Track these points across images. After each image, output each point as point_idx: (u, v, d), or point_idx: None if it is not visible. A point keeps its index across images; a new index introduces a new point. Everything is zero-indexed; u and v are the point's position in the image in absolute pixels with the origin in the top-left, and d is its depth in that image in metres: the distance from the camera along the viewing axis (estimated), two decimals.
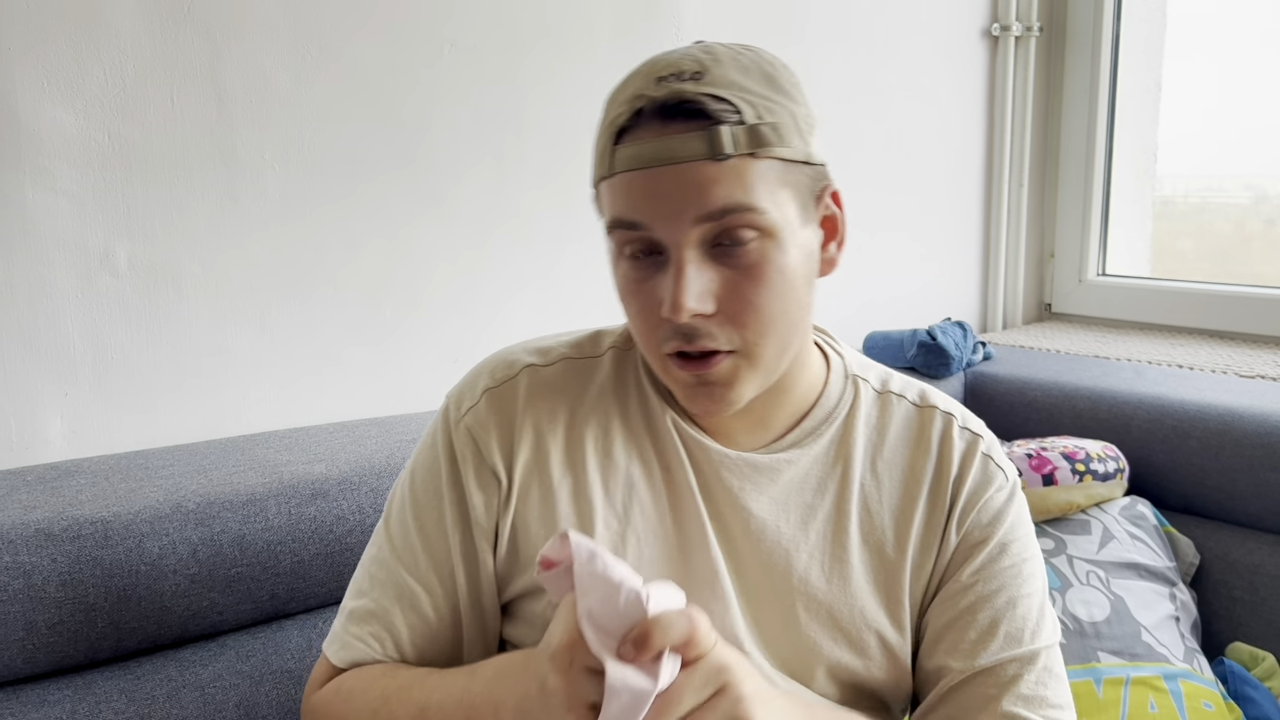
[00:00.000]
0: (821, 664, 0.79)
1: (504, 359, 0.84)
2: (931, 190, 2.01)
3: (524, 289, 1.49)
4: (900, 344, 1.71)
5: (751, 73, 0.72)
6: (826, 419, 0.83)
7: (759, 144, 0.70)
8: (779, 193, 0.72)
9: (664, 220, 0.70)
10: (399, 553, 0.82)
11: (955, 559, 0.81)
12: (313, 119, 1.27)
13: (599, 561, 0.64)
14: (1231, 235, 2.17)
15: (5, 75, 1.08)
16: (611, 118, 0.74)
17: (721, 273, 0.72)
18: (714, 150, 0.69)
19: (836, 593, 0.79)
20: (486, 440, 0.80)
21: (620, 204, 0.73)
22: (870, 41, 1.85)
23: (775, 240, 0.72)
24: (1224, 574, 1.41)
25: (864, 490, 0.82)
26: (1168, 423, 1.47)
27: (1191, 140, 2.11)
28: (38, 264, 1.12)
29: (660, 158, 0.70)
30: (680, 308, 0.70)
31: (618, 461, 0.81)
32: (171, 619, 1.01)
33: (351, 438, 1.21)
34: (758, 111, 0.70)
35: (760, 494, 0.80)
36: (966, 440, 0.83)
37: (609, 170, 0.73)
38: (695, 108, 0.69)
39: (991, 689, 0.76)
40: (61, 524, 0.96)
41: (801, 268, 0.74)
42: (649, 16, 1.56)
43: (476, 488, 0.80)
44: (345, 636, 0.82)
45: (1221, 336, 1.91)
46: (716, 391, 0.75)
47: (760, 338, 0.73)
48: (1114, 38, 2.06)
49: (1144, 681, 1.23)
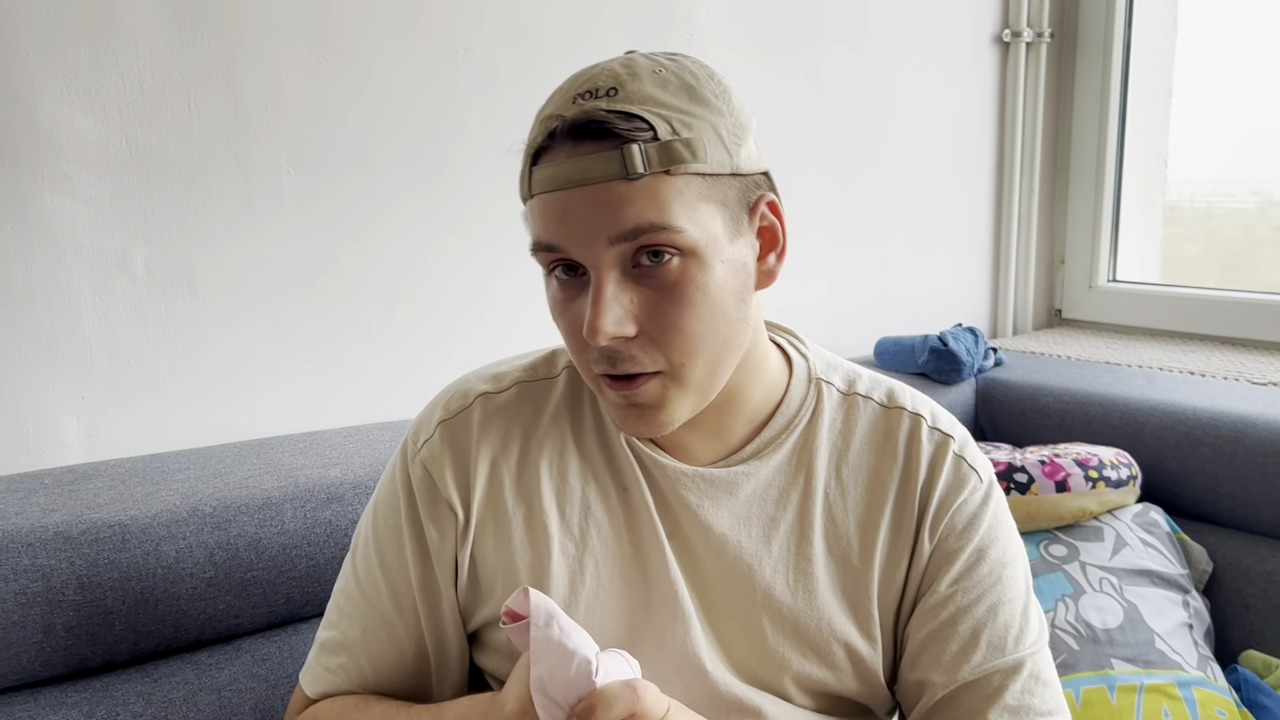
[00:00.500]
0: (789, 676, 0.78)
1: (459, 389, 0.83)
2: (942, 196, 2.01)
3: (537, 292, 1.48)
4: (911, 350, 1.71)
5: (670, 86, 0.69)
6: (787, 427, 0.80)
7: (672, 160, 0.67)
8: (699, 209, 0.69)
9: (578, 243, 0.69)
10: (363, 586, 0.82)
11: (931, 569, 0.78)
12: (327, 123, 1.28)
13: (555, 626, 0.65)
14: (1239, 241, 2.16)
15: (24, 80, 1.08)
16: (531, 139, 0.73)
17: (642, 293, 0.69)
18: (625, 170, 0.66)
19: (802, 605, 0.78)
20: (441, 474, 0.80)
21: (538, 226, 0.72)
22: (882, 47, 1.85)
23: (697, 258, 0.69)
24: (1237, 581, 1.41)
25: (828, 499, 0.80)
26: (1180, 429, 1.47)
27: (1199, 145, 2.11)
28: (55, 268, 1.12)
29: (573, 179, 0.68)
30: (597, 332, 0.68)
31: (573, 485, 0.79)
32: (188, 622, 1.01)
33: (366, 442, 1.21)
34: (672, 127, 0.68)
35: (720, 509, 0.78)
36: (936, 441, 0.80)
37: (528, 192, 0.73)
38: (605, 128, 0.67)
39: (977, 701, 0.75)
40: (79, 527, 0.96)
41: (731, 283, 0.71)
42: (662, 21, 1.56)
43: (432, 522, 0.80)
44: (317, 668, 0.83)
45: (1233, 343, 1.91)
46: (646, 414, 0.72)
47: (686, 358, 0.70)
48: (1125, 44, 2.06)
49: (1158, 689, 1.23)
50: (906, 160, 1.93)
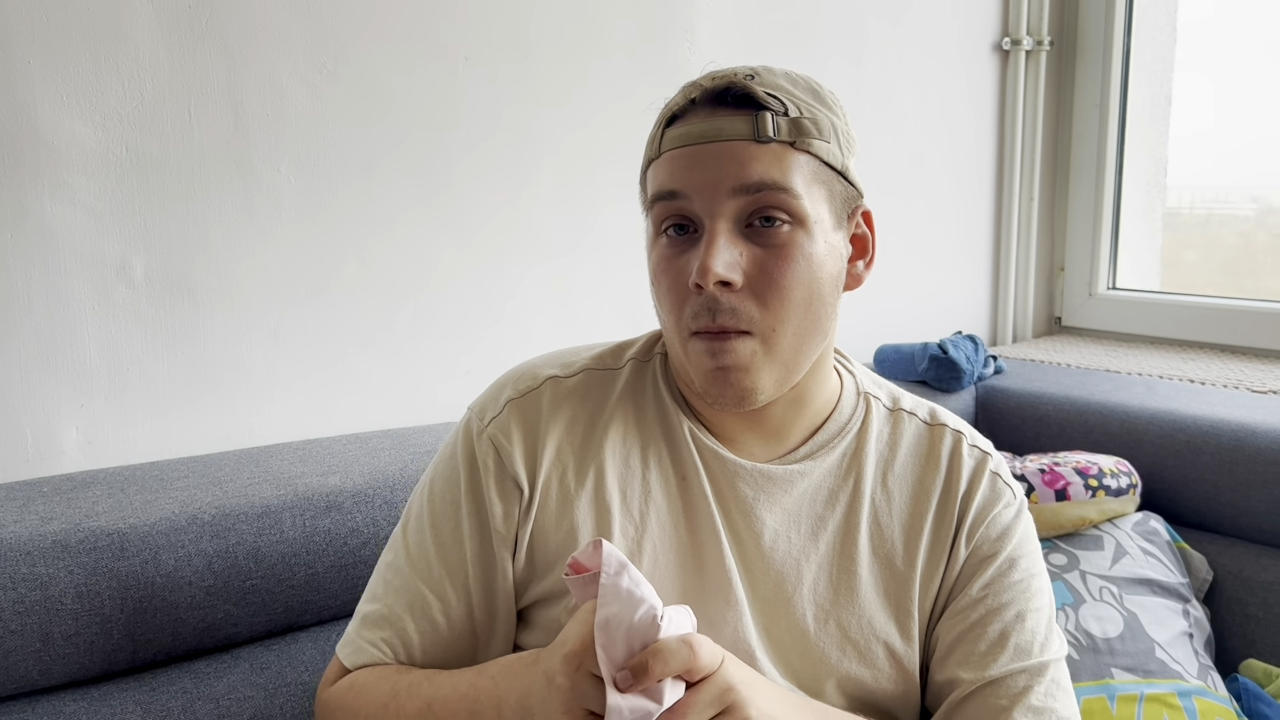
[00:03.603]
0: (831, 676, 0.80)
1: (527, 371, 0.86)
2: (942, 203, 2.01)
3: (538, 300, 1.49)
4: (911, 357, 1.71)
5: (799, 85, 0.78)
6: (840, 432, 0.85)
7: (800, 134, 0.75)
8: (814, 187, 0.75)
9: (701, 191, 0.74)
10: (414, 560, 0.83)
11: (964, 573, 0.82)
12: (328, 132, 1.28)
13: (626, 576, 0.65)
14: (1237, 247, 2.17)
15: (25, 89, 1.08)
16: (666, 108, 0.79)
17: (751, 250, 0.75)
18: (757, 133, 0.74)
19: (844, 604, 0.81)
20: (509, 450, 0.81)
21: (662, 177, 0.77)
22: (882, 55, 1.85)
23: (805, 228, 0.75)
24: (1237, 590, 1.41)
25: (874, 503, 0.83)
26: (1180, 438, 1.47)
27: (1198, 152, 2.11)
28: (55, 276, 1.12)
29: (706, 135, 0.74)
30: (708, 270, 0.72)
31: (635, 470, 0.82)
32: (187, 631, 1.01)
33: (365, 449, 1.21)
34: (800, 110, 0.76)
35: (774, 505, 0.81)
36: (976, 458, 0.85)
37: (657, 151, 0.78)
38: (745, 94, 0.74)
39: (1003, 699, 0.78)
40: (78, 536, 0.96)
41: (829, 264, 0.77)
42: (663, 30, 1.57)
43: (498, 497, 0.81)
44: (358, 640, 0.83)
45: (1233, 351, 1.91)
46: (735, 377, 0.75)
47: (779, 322, 0.75)
48: (1124, 51, 2.07)
49: (1158, 698, 1.23)
50: (906, 168, 1.93)
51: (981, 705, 0.78)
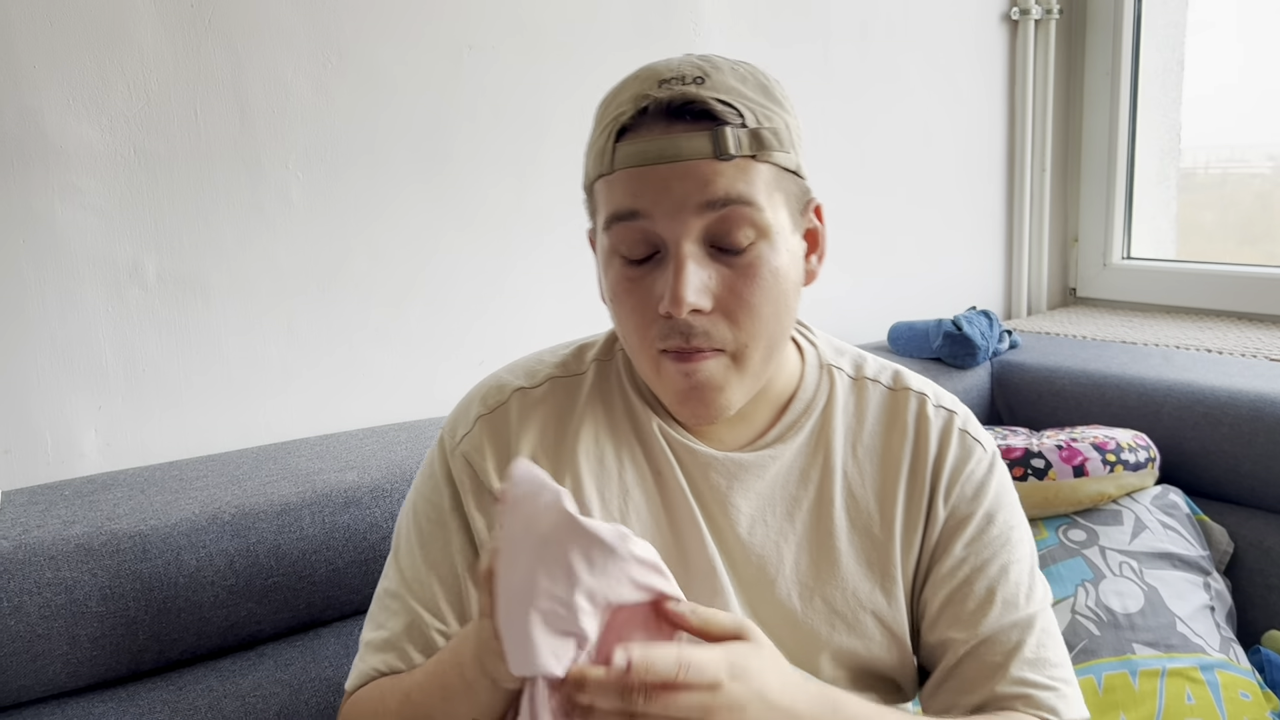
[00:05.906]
0: (824, 650, 0.81)
1: (493, 385, 0.86)
2: (953, 177, 1.99)
3: (546, 289, 1.49)
4: (925, 334, 1.70)
5: (749, 83, 0.75)
6: (805, 411, 0.85)
7: (761, 147, 0.73)
8: (774, 195, 0.74)
9: (666, 212, 0.72)
10: (408, 583, 0.84)
11: (945, 534, 0.83)
12: (334, 125, 1.28)
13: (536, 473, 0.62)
14: (1254, 207, 2.14)
15: (32, 94, 1.08)
16: (612, 116, 0.75)
17: (719, 271, 0.74)
18: (718, 149, 0.71)
19: (827, 579, 0.82)
20: (483, 464, 0.82)
21: (622, 196, 0.74)
22: (890, 28, 1.83)
23: (770, 241, 0.74)
24: (1258, 562, 1.40)
25: (847, 476, 0.84)
26: (1198, 409, 1.46)
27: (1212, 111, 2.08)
28: (68, 279, 1.13)
29: (665, 155, 0.72)
30: (680, 301, 0.71)
31: (611, 470, 0.82)
32: (211, 630, 1.02)
33: (381, 443, 1.21)
34: (758, 117, 0.73)
35: (748, 491, 0.82)
36: (943, 418, 0.85)
37: (609, 167, 0.75)
38: (701, 108, 0.72)
39: (998, 656, 0.79)
40: (100, 539, 0.97)
41: (792, 272, 0.77)
42: (667, 15, 1.55)
43: (478, 510, 0.82)
44: (361, 666, 0.84)
45: (1250, 318, 1.89)
46: (707, 395, 0.76)
47: (751, 339, 0.75)
48: (1135, 17, 2.04)
49: (1180, 673, 1.22)
50: (916, 142, 1.91)
51: (978, 663, 0.80)
